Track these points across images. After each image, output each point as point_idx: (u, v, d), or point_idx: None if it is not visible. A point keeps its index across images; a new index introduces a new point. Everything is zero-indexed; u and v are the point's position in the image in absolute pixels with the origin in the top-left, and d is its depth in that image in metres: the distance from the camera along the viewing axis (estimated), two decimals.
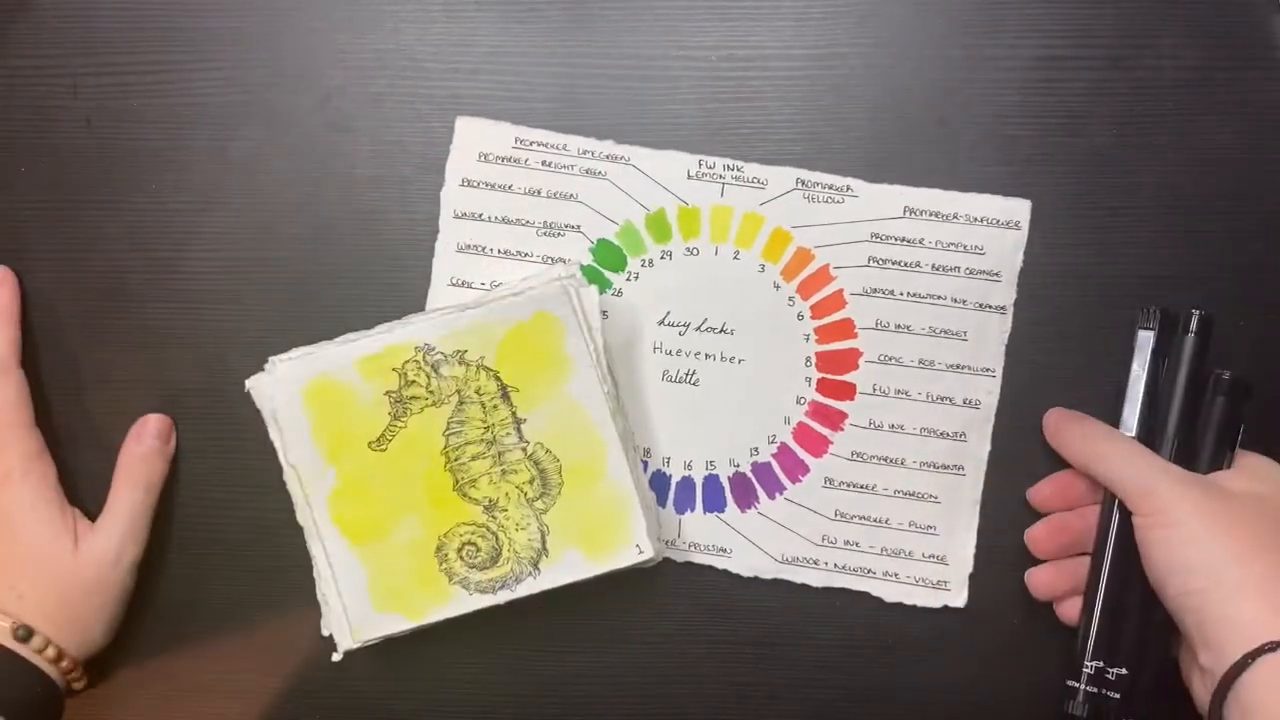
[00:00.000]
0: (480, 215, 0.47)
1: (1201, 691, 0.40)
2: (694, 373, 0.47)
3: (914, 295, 0.47)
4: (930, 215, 0.47)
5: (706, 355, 0.47)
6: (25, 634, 0.42)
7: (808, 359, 0.47)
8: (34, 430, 0.45)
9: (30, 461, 0.44)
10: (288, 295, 0.47)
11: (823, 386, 0.47)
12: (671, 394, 0.47)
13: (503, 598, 0.44)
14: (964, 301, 0.47)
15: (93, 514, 0.46)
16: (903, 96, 0.47)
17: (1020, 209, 0.47)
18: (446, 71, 0.48)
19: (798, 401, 0.47)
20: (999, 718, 0.47)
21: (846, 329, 0.47)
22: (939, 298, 0.47)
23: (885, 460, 0.47)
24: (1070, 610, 0.45)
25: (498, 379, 0.44)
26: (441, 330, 0.44)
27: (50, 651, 0.43)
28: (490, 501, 0.44)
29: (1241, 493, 0.41)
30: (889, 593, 0.47)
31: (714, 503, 0.47)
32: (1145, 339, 0.45)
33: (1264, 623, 0.37)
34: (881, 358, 0.47)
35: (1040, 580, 0.45)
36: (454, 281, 0.47)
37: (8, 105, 0.48)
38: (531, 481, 0.44)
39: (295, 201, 0.48)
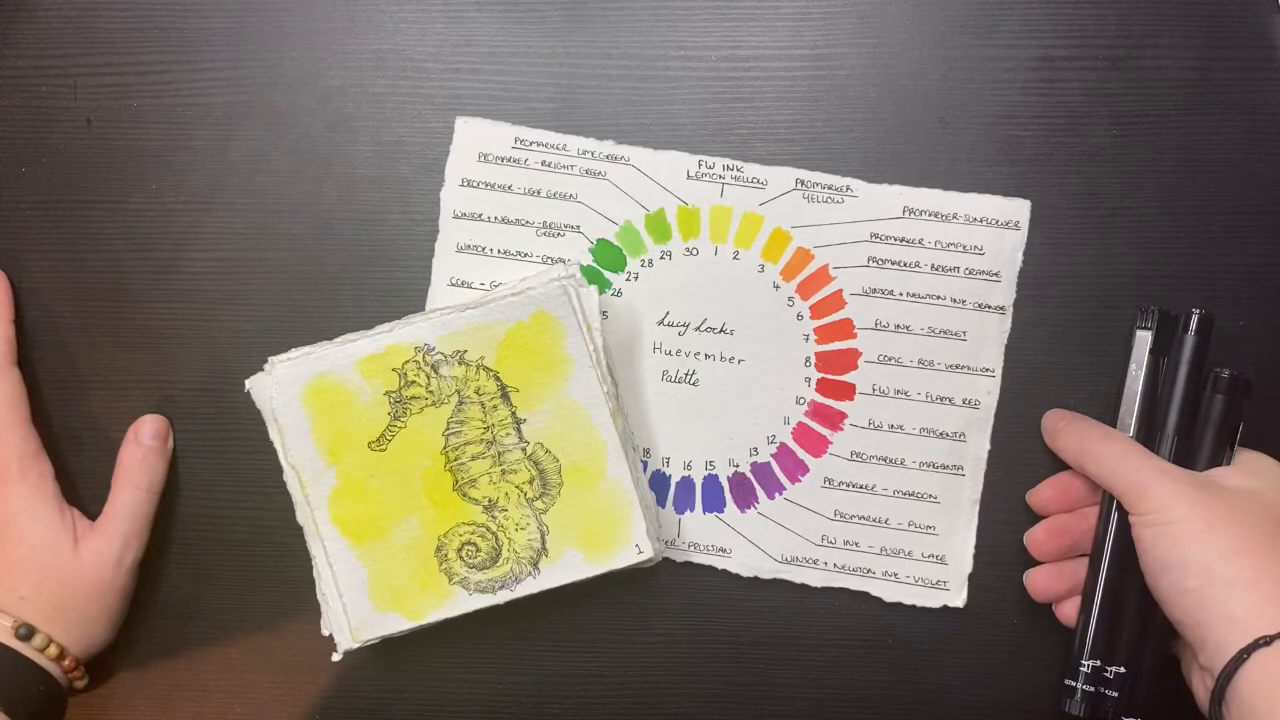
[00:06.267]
0: (480, 215, 0.47)
1: (1201, 690, 0.40)
2: (693, 373, 0.47)
3: (913, 295, 0.47)
4: (930, 215, 0.47)
5: (706, 355, 0.47)
6: (27, 633, 0.43)
7: (807, 359, 0.47)
8: (31, 430, 0.45)
9: (28, 461, 0.44)
10: (288, 295, 0.47)
11: (822, 386, 0.47)
12: (671, 394, 0.47)
13: (503, 598, 0.44)
14: (963, 302, 0.47)
15: (93, 514, 0.46)
16: (903, 96, 0.47)
17: (1020, 209, 0.47)
18: (446, 71, 0.48)
19: (797, 401, 0.47)
20: (998, 717, 0.47)
21: (846, 329, 0.47)
22: (938, 298, 0.47)
23: (885, 460, 0.47)
24: (1069, 611, 0.45)
25: (497, 379, 0.44)
26: (441, 330, 0.44)
27: (52, 650, 0.43)
28: (490, 501, 0.44)
29: (1237, 488, 0.41)
30: (889, 593, 0.47)
31: (713, 503, 0.47)
32: (1143, 339, 0.45)
33: (1258, 617, 0.37)
34: (881, 358, 0.47)
35: (1038, 581, 0.45)
36: (454, 281, 0.47)
37: (8, 105, 0.48)
38: (531, 481, 0.44)
39: (295, 201, 0.48)
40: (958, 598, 0.47)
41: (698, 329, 0.47)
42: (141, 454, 0.46)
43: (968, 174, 0.47)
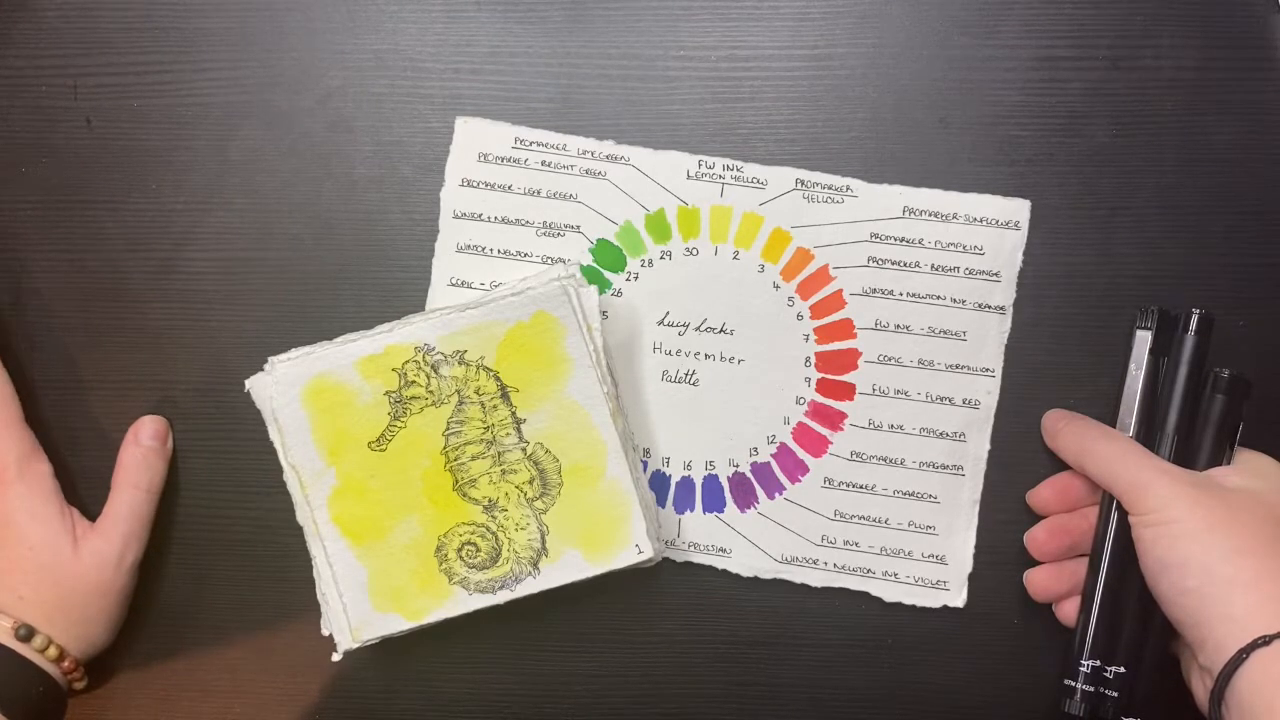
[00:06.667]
0: (480, 215, 0.47)
1: (1201, 690, 0.40)
2: (693, 373, 0.47)
3: (913, 295, 0.47)
4: (930, 215, 0.47)
5: (706, 355, 0.47)
6: (26, 634, 0.42)
7: (807, 359, 0.47)
8: (26, 429, 0.45)
9: (25, 461, 0.44)
10: (288, 295, 0.47)
11: (822, 386, 0.47)
12: (671, 394, 0.47)
13: (503, 598, 0.44)
14: (963, 302, 0.47)
15: (93, 514, 0.46)
16: (903, 96, 0.47)
17: (1020, 209, 0.47)
18: (446, 71, 0.48)
19: (797, 401, 0.47)
20: (998, 717, 0.47)
21: (846, 329, 0.47)
22: (938, 298, 0.47)
23: (885, 460, 0.47)
24: (1069, 610, 0.45)
25: (497, 379, 0.44)
26: (441, 330, 0.44)
27: (52, 651, 0.43)
28: (490, 501, 0.44)
29: (1238, 488, 0.41)
30: (889, 593, 0.47)
31: (713, 503, 0.47)
32: (1142, 339, 0.45)
33: (1258, 617, 0.37)
34: (881, 358, 0.47)
35: (1038, 581, 0.45)
36: (454, 281, 0.47)
37: (8, 105, 0.48)
38: (531, 481, 0.44)
39: (295, 201, 0.48)
40: (958, 598, 0.47)
41: (698, 329, 0.47)
42: (141, 454, 0.46)
43: (968, 174, 0.47)
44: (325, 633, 0.44)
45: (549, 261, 0.47)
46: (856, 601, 0.47)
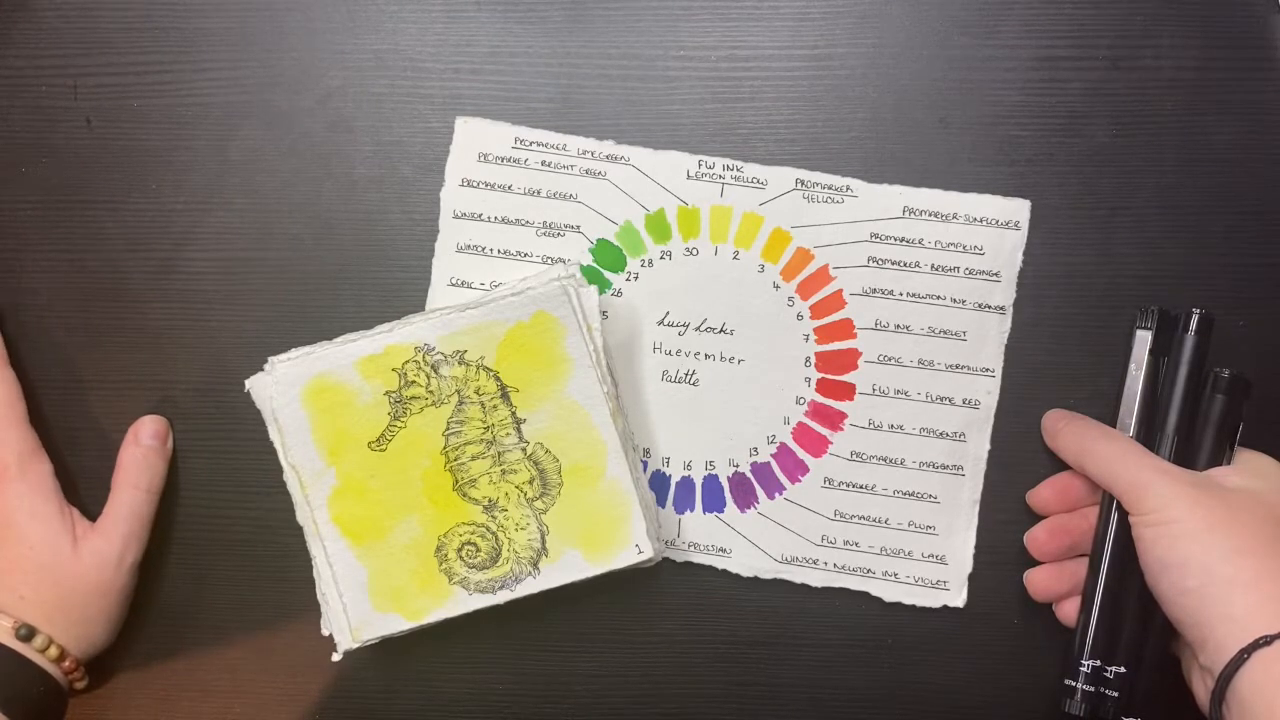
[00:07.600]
0: (480, 215, 0.47)
1: (1202, 690, 0.40)
2: (693, 373, 0.47)
3: (913, 295, 0.47)
4: (930, 215, 0.47)
5: (706, 355, 0.47)
6: (27, 633, 0.43)
7: (807, 359, 0.47)
8: (29, 429, 0.45)
9: (27, 460, 0.44)
10: (288, 295, 0.47)
11: (822, 386, 0.47)
12: (671, 394, 0.47)
13: (502, 598, 0.44)
14: (963, 302, 0.47)
15: (93, 514, 0.46)
16: (903, 96, 0.47)
17: (1020, 209, 0.47)
18: (446, 71, 0.48)
19: (797, 401, 0.47)
20: (998, 717, 0.47)
21: (846, 329, 0.47)
22: (938, 298, 0.47)
23: (885, 460, 0.47)
24: (1069, 610, 0.45)
25: (497, 379, 0.44)
26: (441, 330, 0.44)
27: (52, 651, 0.43)
28: (490, 501, 0.44)
29: (1238, 488, 0.41)
30: (888, 593, 0.47)
31: (713, 503, 0.47)
32: (1143, 339, 0.45)
33: (1258, 617, 0.37)
34: (881, 358, 0.47)
35: (1038, 581, 0.45)
36: (454, 281, 0.47)
37: (8, 105, 0.48)
38: (531, 481, 0.44)
39: (295, 201, 0.48)
40: (958, 598, 0.47)
41: (698, 329, 0.47)
42: (141, 454, 0.46)
43: (968, 174, 0.47)
44: (325, 633, 0.44)
45: (549, 261, 0.47)
46: (856, 601, 0.47)
